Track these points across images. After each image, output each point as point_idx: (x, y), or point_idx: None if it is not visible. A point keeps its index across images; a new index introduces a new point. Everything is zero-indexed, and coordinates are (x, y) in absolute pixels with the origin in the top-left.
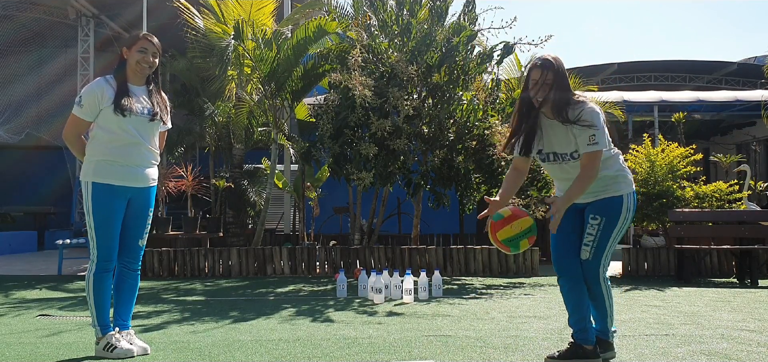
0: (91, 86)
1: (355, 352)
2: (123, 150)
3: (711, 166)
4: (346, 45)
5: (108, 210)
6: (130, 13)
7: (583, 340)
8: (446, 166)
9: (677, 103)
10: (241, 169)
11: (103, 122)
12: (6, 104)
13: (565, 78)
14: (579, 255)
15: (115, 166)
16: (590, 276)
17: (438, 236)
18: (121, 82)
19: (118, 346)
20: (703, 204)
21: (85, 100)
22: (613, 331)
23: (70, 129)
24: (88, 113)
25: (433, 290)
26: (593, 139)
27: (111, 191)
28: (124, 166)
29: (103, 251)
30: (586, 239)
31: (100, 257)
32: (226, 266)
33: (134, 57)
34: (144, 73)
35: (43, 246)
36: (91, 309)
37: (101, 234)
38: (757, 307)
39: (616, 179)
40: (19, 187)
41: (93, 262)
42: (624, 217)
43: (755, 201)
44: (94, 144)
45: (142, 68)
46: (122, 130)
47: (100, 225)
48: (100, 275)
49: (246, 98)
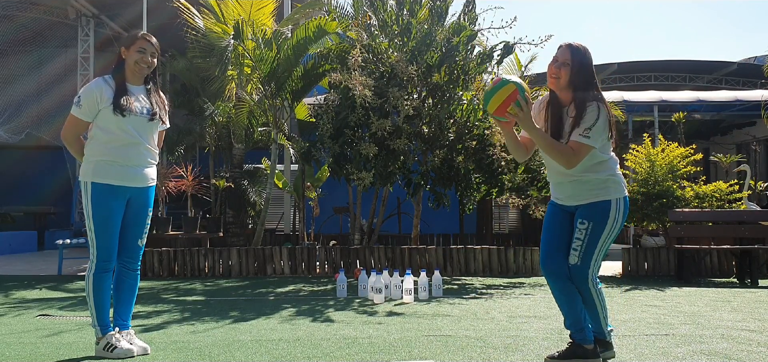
0: (90, 86)
1: (355, 352)
2: (122, 150)
3: (711, 166)
4: (346, 45)
5: (107, 210)
6: (130, 13)
7: (582, 340)
8: (446, 166)
9: (677, 103)
10: (241, 169)
11: (102, 122)
12: (6, 104)
13: (587, 67)
14: (566, 257)
15: (114, 166)
16: (578, 281)
17: (438, 236)
18: (120, 82)
19: (118, 346)
20: (703, 204)
21: (84, 101)
22: (609, 330)
23: (69, 129)
24: (87, 113)
25: (433, 290)
26: (587, 133)
27: (110, 191)
28: (124, 165)
29: (102, 251)
30: (574, 243)
31: (99, 257)
32: (226, 266)
33: (133, 57)
34: (142, 72)
35: (43, 246)
36: (90, 309)
37: (101, 234)
38: (757, 307)
39: (606, 183)
40: (19, 187)
41: (92, 262)
42: (612, 223)
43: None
44: (93, 144)
45: (140, 68)
46: (121, 130)
47: (99, 225)
48: (100, 275)
49: (246, 98)
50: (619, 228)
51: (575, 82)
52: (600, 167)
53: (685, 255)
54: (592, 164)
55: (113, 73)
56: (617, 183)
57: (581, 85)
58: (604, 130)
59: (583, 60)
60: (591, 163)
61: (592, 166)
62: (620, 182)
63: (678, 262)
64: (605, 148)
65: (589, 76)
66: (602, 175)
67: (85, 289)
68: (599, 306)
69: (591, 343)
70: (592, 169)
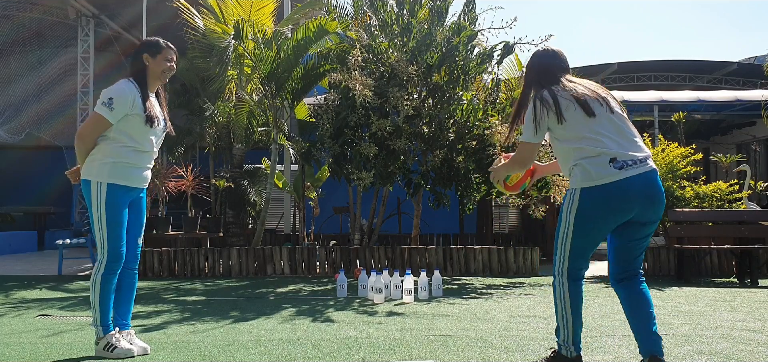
0: (123, 90)
1: (355, 352)
2: (138, 155)
3: (711, 166)
4: (346, 45)
5: (120, 213)
6: (130, 13)
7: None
8: (446, 166)
9: (677, 102)
10: (241, 169)
11: (128, 128)
12: (6, 104)
13: (530, 72)
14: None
15: (131, 169)
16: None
17: (438, 236)
18: (146, 91)
19: (119, 346)
20: (703, 204)
21: (117, 104)
22: (556, 340)
23: (94, 129)
24: (117, 116)
25: (433, 290)
26: (520, 132)
27: (124, 193)
28: (137, 167)
29: (113, 252)
30: None
31: (110, 258)
32: (226, 266)
33: (161, 65)
34: (164, 82)
35: (43, 246)
36: (94, 309)
37: (113, 236)
38: (757, 307)
39: (571, 173)
40: (19, 187)
41: (101, 263)
42: (566, 212)
43: (755, 201)
44: (111, 146)
45: (165, 77)
46: (145, 139)
47: (112, 226)
48: (108, 276)
49: (246, 98)
50: (572, 218)
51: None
52: (566, 156)
53: (685, 255)
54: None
55: (136, 79)
56: (578, 174)
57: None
58: (530, 122)
59: (528, 64)
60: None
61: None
62: (585, 172)
63: (678, 262)
64: (560, 134)
65: (530, 77)
66: (569, 164)
67: (91, 289)
68: (557, 307)
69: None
70: (562, 159)
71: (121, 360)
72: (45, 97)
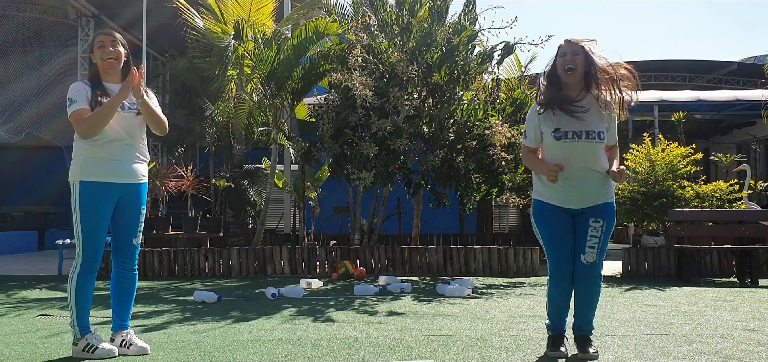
0: (75, 87)
1: (355, 352)
2: (109, 146)
3: (711, 166)
4: (346, 45)
5: (95, 210)
6: (130, 12)
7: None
8: (446, 166)
9: (677, 102)
10: (241, 169)
11: None
12: (6, 104)
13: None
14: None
15: (103, 163)
16: (596, 277)
17: (438, 236)
18: (95, 82)
19: (99, 346)
20: (703, 203)
21: (76, 95)
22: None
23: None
24: (85, 103)
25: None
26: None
27: (99, 189)
28: (112, 160)
29: (88, 251)
30: (590, 242)
31: (85, 257)
32: (226, 266)
33: (97, 55)
34: (113, 67)
35: (43, 246)
36: (71, 309)
37: (87, 234)
38: (757, 307)
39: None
40: (19, 187)
41: (77, 262)
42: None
43: (755, 201)
44: (81, 143)
45: (109, 63)
46: (109, 127)
47: (86, 224)
48: (84, 276)
49: (246, 98)
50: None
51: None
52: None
53: (685, 255)
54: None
55: (90, 78)
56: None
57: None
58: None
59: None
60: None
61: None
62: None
63: (678, 262)
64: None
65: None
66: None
67: (67, 289)
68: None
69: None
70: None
71: (103, 360)
72: (45, 97)
